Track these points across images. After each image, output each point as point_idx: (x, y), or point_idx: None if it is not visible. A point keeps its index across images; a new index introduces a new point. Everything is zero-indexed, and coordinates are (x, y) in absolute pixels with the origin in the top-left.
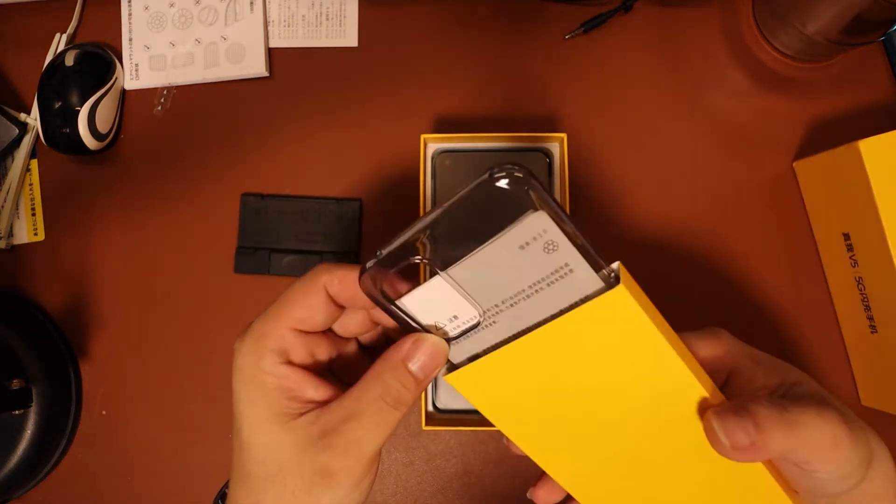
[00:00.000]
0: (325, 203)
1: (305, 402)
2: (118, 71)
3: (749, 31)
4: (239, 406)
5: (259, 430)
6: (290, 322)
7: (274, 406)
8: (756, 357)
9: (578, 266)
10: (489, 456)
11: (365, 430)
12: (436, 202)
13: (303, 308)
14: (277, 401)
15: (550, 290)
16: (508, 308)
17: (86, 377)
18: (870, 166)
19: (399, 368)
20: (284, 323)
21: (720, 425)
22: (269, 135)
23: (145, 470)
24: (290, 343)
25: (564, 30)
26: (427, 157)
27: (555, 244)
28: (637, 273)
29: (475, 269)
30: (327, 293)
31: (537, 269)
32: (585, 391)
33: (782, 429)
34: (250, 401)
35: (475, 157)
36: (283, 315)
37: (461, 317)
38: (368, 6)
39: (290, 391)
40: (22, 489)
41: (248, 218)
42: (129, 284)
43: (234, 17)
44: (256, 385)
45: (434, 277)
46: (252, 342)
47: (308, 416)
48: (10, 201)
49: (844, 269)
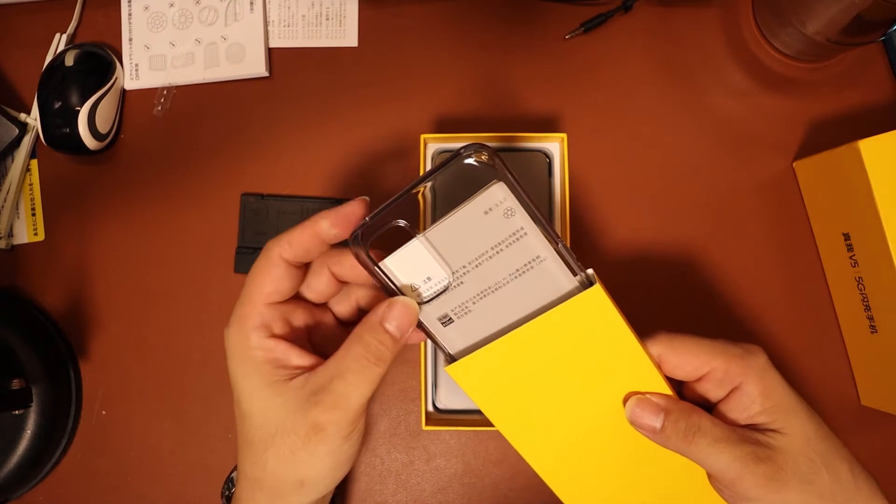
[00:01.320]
0: (325, 203)
1: (293, 369)
2: (118, 71)
3: (749, 31)
4: (236, 382)
5: (255, 398)
6: (262, 298)
7: (266, 375)
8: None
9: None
10: (489, 456)
11: (350, 385)
12: (435, 202)
13: (268, 282)
14: (268, 370)
15: (509, 255)
16: (474, 269)
17: (86, 377)
18: (870, 166)
19: (377, 328)
20: (258, 300)
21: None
22: (269, 135)
23: (145, 470)
24: (269, 317)
25: (564, 30)
26: (427, 157)
27: (512, 210)
28: (637, 273)
29: (447, 232)
30: (284, 261)
31: (498, 232)
32: (561, 380)
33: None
34: (244, 375)
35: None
36: (254, 295)
37: (434, 278)
38: (368, 6)
39: (278, 361)
40: (22, 489)
41: (248, 218)
42: (129, 284)
43: (234, 17)
44: (248, 361)
45: (412, 241)
46: (236, 325)
47: (298, 380)
48: (10, 201)
49: (844, 269)
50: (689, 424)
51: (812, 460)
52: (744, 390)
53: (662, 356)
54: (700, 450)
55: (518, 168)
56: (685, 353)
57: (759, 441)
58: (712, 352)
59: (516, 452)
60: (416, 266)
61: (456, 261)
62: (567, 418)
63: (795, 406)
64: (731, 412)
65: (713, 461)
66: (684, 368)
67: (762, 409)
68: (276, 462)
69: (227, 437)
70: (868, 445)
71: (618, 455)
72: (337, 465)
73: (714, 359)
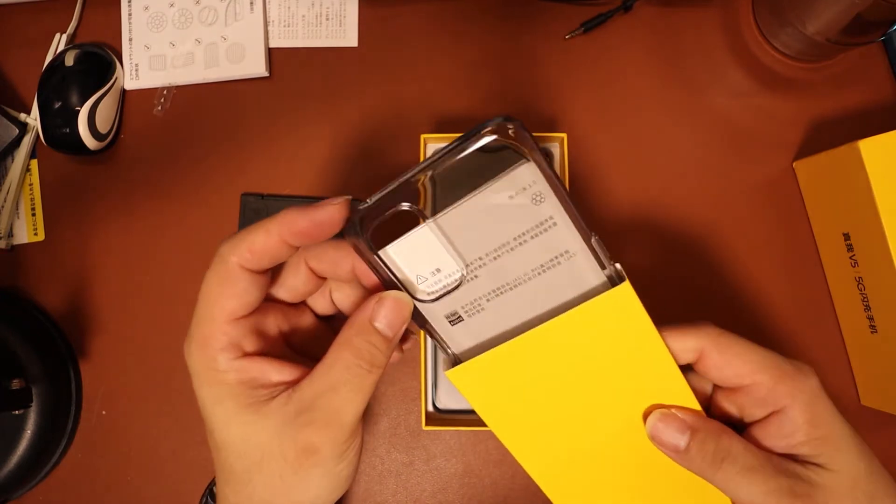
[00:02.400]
0: None
1: (273, 387)
2: (118, 71)
3: (749, 31)
4: (206, 409)
5: (232, 425)
6: (224, 316)
7: (241, 398)
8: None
9: (581, 256)
10: (489, 456)
11: (343, 398)
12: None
13: (229, 298)
14: (244, 393)
15: (534, 248)
16: (492, 261)
17: (86, 377)
18: (870, 166)
19: (367, 329)
20: (219, 320)
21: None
22: (268, 135)
23: (145, 470)
24: (236, 335)
25: (564, 30)
26: (427, 156)
27: (541, 196)
28: (636, 273)
29: (462, 217)
30: (247, 271)
31: (522, 220)
32: (575, 386)
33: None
34: (215, 400)
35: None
36: (214, 314)
37: (444, 270)
38: (368, 6)
39: (254, 381)
40: (22, 489)
41: (248, 218)
42: (129, 284)
43: (234, 17)
44: (218, 385)
45: (421, 226)
46: (198, 349)
47: (279, 399)
48: (10, 201)
49: (844, 269)
50: (718, 447)
51: (859, 503)
52: (788, 415)
53: (705, 351)
54: (728, 478)
55: None
56: (731, 355)
57: (798, 475)
58: (761, 363)
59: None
60: (424, 256)
61: (471, 252)
62: (577, 429)
63: (847, 440)
64: (767, 438)
65: (742, 492)
66: (724, 372)
67: (807, 439)
68: (264, 491)
69: None
70: (868, 446)
71: (631, 473)
72: (334, 486)
73: (761, 372)
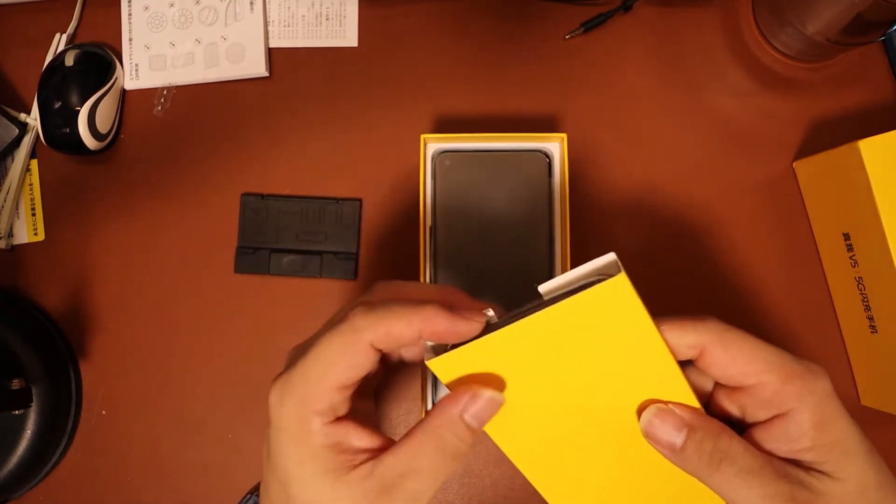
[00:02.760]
0: (325, 203)
1: (356, 453)
2: (118, 71)
3: (749, 31)
4: (288, 466)
5: (311, 487)
6: (335, 383)
7: (325, 463)
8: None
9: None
10: (489, 456)
11: (423, 484)
12: (436, 203)
13: (347, 370)
14: (327, 457)
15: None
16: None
17: (86, 377)
18: (870, 166)
19: (456, 423)
20: (329, 384)
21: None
22: (269, 135)
23: (145, 470)
24: (337, 401)
25: (564, 30)
26: (427, 157)
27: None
28: (636, 273)
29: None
30: (374, 350)
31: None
32: (565, 381)
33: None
34: (299, 461)
35: (475, 157)
36: (327, 376)
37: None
38: (368, 6)
39: (339, 446)
40: (22, 489)
41: (248, 218)
42: (129, 284)
43: (234, 17)
44: (305, 446)
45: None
46: (295, 404)
47: (361, 470)
48: (10, 201)
49: (844, 269)
50: (716, 447)
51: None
52: (794, 418)
53: (708, 348)
54: (725, 480)
55: (518, 168)
56: (737, 353)
57: (801, 481)
58: (769, 362)
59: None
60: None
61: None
62: (568, 425)
63: (856, 447)
64: (770, 441)
65: (740, 495)
66: (727, 370)
67: (813, 445)
68: None
69: (228, 437)
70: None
71: (624, 472)
72: None
73: (768, 371)
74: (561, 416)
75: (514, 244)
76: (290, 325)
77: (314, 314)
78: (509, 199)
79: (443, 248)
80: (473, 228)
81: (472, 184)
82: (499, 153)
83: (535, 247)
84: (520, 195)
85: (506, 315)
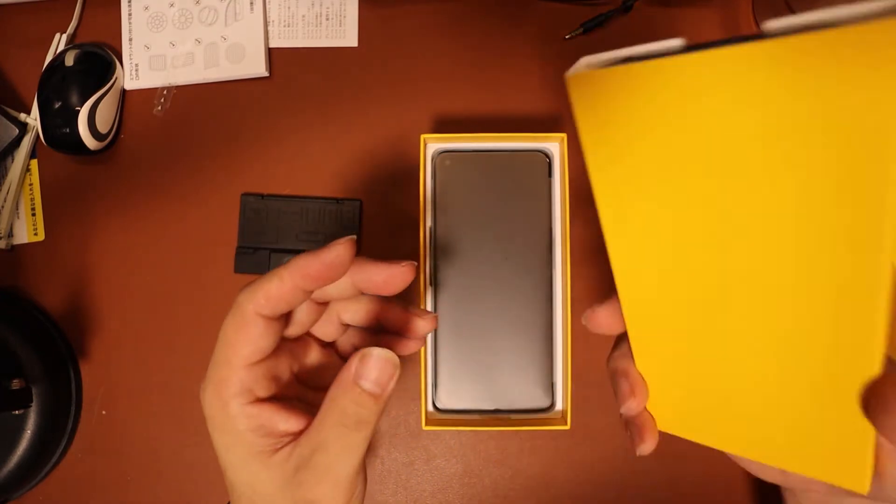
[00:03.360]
0: (325, 203)
1: (280, 436)
2: (118, 71)
3: (749, 31)
4: (219, 453)
5: (241, 471)
6: (240, 361)
7: (250, 447)
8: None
9: None
10: (489, 456)
11: (333, 456)
12: (436, 203)
13: (245, 343)
14: (252, 441)
15: None
16: None
17: (86, 377)
18: None
19: (352, 389)
20: (235, 363)
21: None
22: (269, 135)
23: (145, 470)
24: (250, 380)
25: (564, 30)
26: (427, 157)
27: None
28: None
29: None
30: (262, 317)
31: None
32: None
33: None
34: (227, 446)
35: (475, 157)
36: (230, 357)
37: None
38: (368, 6)
39: (263, 428)
40: (22, 489)
41: (248, 218)
42: (129, 284)
43: (234, 17)
44: (228, 431)
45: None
46: (213, 391)
47: (282, 453)
48: (10, 201)
49: None
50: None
51: None
52: None
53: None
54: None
55: (518, 168)
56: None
57: None
58: None
59: (516, 452)
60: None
61: None
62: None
63: None
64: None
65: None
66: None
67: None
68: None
69: None
70: None
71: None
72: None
73: None
74: (701, 234)
75: (513, 244)
76: None
77: None
78: (509, 199)
79: (442, 247)
80: (473, 228)
81: (472, 184)
82: (499, 153)
83: (534, 246)
84: (520, 195)
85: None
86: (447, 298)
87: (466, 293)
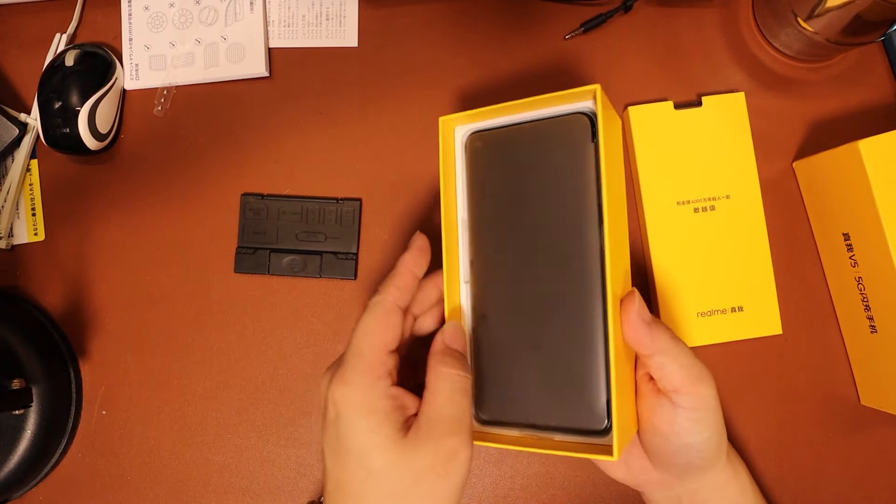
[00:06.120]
0: (325, 203)
1: (410, 415)
2: (118, 71)
3: (749, 31)
4: (360, 437)
5: (387, 452)
6: (384, 348)
7: (395, 426)
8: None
9: None
10: (489, 456)
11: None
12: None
13: (387, 332)
14: (396, 419)
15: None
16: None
17: (86, 377)
18: (869, 166)
19: (443, 350)
20: (381, 350)
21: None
22: (269, 135)
23: (145, 470)
24: (392, 365)
25: (564, 30)
26: (456, 141)
27: None
28: (636, 273)
29: None
30: (398, 308)
31: None
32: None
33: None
34: (373, 429)
35: (507, 134)
36: (376, 346)
37: None
38: (368, 6)
39: (403, 409)
40: (22, 489)
41: (248, 218)
42: (129, 284)
43: (234, 17)
44: (377, 412)
45: None
46: (359, 379)
47: (413, 428)
48: (10, 201)
49: (844, 269)
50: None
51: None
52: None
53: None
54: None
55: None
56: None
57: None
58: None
59: (516, 452)
60: None
61: None
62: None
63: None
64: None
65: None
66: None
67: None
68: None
69: (227, 437)
70: (868, 445)
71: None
72: (463, 483)
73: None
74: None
75: (558, 230)
76: (290, 325)
77: (314, 314)
78: (550, 179)
79: (476, 242)
80: (511, 217)
81: (507, 166)
82: (533, 123)
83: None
84: (562, 172)
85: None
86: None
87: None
